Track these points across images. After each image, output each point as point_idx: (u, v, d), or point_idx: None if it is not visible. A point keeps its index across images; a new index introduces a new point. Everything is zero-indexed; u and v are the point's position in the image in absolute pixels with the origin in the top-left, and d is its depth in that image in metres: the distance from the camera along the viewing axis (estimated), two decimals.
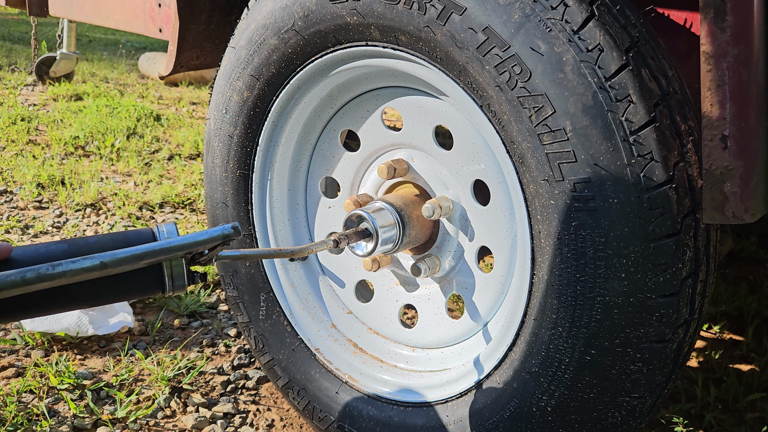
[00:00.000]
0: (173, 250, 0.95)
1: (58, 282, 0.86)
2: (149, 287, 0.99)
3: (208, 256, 1.02)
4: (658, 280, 1.11)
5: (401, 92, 1.46)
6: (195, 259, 1.01)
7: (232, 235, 0.98)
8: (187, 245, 0.96)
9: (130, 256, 0.91)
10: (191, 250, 0.96)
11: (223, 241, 0.98)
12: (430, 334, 1.54)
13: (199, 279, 1.02)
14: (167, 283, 0.98)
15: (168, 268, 0.98)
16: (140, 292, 1.00)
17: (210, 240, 0.98)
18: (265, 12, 1.46)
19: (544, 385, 1.24)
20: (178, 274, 0.98)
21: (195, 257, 1.01)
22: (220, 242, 0.98)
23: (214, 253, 1.02)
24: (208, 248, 0.99)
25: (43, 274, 0.85)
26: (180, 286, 0.99)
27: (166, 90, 5.83)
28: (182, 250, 0.96)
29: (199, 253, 1.01)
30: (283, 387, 1.67)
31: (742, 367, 2.09)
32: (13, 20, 9.74)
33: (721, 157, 1.06)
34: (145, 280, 0.98)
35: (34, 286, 0.85)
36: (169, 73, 2.03)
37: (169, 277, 0.98)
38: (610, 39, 1.09)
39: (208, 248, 0.99)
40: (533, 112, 1.14)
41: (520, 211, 1.23)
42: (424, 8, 1.21)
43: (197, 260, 1.02)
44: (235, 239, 0.99)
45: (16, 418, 1.68)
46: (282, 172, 1.62)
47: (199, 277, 1.02)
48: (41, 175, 3.36)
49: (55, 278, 0.86)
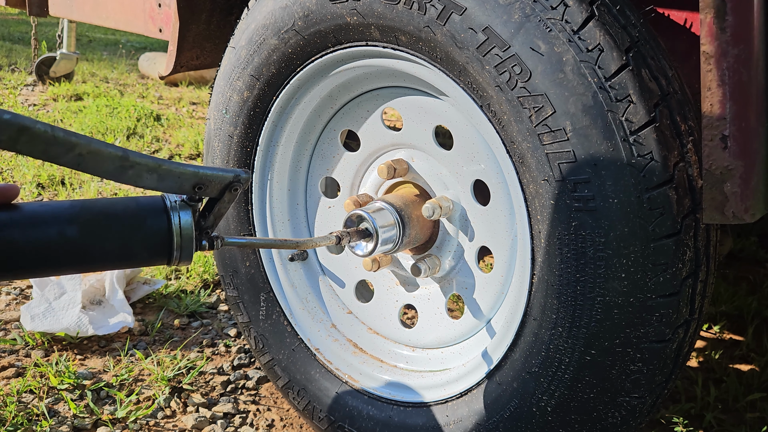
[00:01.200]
0: (185, 175, 0.94)
1: (64, 145, 0.83)
2: (155, 253, 0.97)
3: (213, 215, 1.00)
4: (658, 280, 1.11)
5: (401, 92, 1.46)
6: (200, 225, 1.00)
7: (242, 179, 0.97)
8: (199, 174, 0.95)
9: (145, 163, 0.90)
10: (201, 181, 0.95)
11: (233, 180, 0.97)
12: (430, 334, 1.54)
13: (206, 245, 1.01)
14: (174, 252, 0.97)
15: (177, 235, 0.97)
16: (145, 258, 0.97)
17: (221, 178, 0.97)
18: (265, 12, 1.46)
19: (544, 385, 1.24)
20: (186, 239, 0.97)
21: (200, 221, 1.00)
22: (230, 182, 0.97)
23: (221, 211, 1.01)
24: (216, 190, 0.98)
25: (48, 134, 0.82)
26: (187, 256, 0.97)
27: (166, 90, 5.83)
28: (194, 177, 0.95)
29: (204, 216, 1.01)
30: (283, 387, 1.67)
31: (742, 367, 2.09)
32: (13, 20, 9.74)
33: (721, 157, 1.06)
34: (152, 244, 0.96)
35: (34, 140, 0.82)
36: (169, 73, 2.03)
37: (177, 246, 0.97)
38: (610, 39, 1.09)
39: (216, 190, 0.98)
40: (533, 112, 1.14)
41: (520, 211, 1.23)
42: (424, 8, 1.21)
43: (204, 225, 1.01)
44: (244, 184, 0.98)
45: (16, 418, 1.68)
46: (282, 172, 1.62)
47: (207, 242, 1.01)
48: (41, 175, 3.36)
49: (58, 143, 0.83)
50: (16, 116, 0.80)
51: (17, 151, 0.82)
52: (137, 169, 0.92)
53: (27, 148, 0.82)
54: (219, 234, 1.04)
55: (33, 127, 0.81)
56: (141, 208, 0.96)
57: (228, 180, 0.98)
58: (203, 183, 0.97)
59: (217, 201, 1.00)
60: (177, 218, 0.97)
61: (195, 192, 0.97)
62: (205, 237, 1.02)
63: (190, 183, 0.96)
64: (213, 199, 1.00)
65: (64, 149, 0.85)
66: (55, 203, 0.93)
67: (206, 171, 0.96)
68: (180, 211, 0.97)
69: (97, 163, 0.89)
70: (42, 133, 0.82)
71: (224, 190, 0.99)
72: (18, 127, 0.81)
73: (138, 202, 0.97)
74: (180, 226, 0.96)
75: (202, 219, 1.01)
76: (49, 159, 0.84)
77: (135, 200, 0.97)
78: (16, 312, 2.19)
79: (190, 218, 0.97)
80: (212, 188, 0.98)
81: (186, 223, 0.97)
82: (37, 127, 0.82)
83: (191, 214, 0.98)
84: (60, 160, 0.85)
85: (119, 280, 2.21)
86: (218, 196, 1.00)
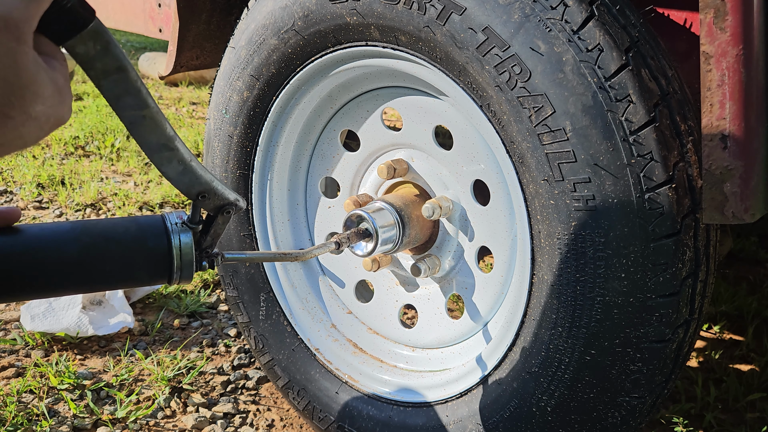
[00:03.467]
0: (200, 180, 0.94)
1: (139, 101, 0.83)
2: (156, 274, 0.97)
3: (210, 236, 1.01)
4: (658, 280, 1.11)
5: (401, 92, 1.46)
6: (200, 245, 1.01)
7: (237, 206, 0.98)
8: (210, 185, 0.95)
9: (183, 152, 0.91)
10: (207, 192, 0.96)
11: (229, 202, 0.98)
12: (430, 334, 1.54)
13: (206, 265, 1.01)
14: (175, 273, 0.97)
15: (177, 257, 0.97)
16: (146, 279, 0.98)
17: (221, 197, 0.97)
18: (265, 12, 1.46)
19: (544, 385, 1.24)
20: (187, 261, 0.98)
21: (200, 241, 1.01)
22: (226, 203, 0.98)
23: (217, 232, 1.01)
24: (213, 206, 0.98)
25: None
26: (187, 276, 0.98)
27: (166, 90, 5.83)
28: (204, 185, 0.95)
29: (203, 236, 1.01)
30: (283, 387, 1.67)
31: (742, 367, 2.09)
32: None
33: (721, 157, 1.06)
34: (153, 266, 0.97)
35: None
36: (169, 73, 2.03)
37: (177, 268, 0.97)
38: (609, 39, 1.09)
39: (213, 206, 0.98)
40: (533, 112, 1.14)
41: (520, 211, 1.23)
42: (423, 8, 1.21)
43: (203, 245, 1.01)
44: (235, 211, 0.99)
45: (16, 418, 1.68)
46: (282, 172, 1.62)
47: (207, 262, 1.01)
48: (41, 175, 3.36)
49: (137, 95, 0.83)
50: (123, 56, 0.81)
51: (101, 87, 0.82)
52: (173, 154, 0.92)
53: (110, 87, 0.82)
54: (219, 251, 1.05)
55: (130, 70, 0.82)
56: (141, 230, 0.97)
57: (226, 201, 0.99)
58: (207, 193, 0.97)
59: (211, 223, 1.01)
60: (177, 240, 0.98)
61: (198, 199, 0.98)
62: (205, 257, 1.03)
63: (198, 189, 0.96)
64: (210, 217, 1.01)
65: (136, 103, 0.85)
66: (55, 225, 0.94)
67: (217, 185, 0.97)
68: (180, 234, 0.98)
69: (150, 132, 0.89)
70: (133, 80, 0.82)
71: (219, 209, 1.00)
72: (118, 65, 0.81)
73: (138, 224, 0.98)
74: (180, 248, 0.97)
75: (201, 238, 1.02)
76: (117, 107, 0.84)
77: (135, 221, 0.98)
78: (16, 312, 2.19)
79: (190, 240, 0.98)
80: (211, 202, 0.99)
81: (186, 244, 0.98)
82: (131, 73, 0.82)
83: (191, 236, 0.99)
84: (124, 112, 0.85)
85: None
86: (213, 214, 1.00)
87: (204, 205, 0.99)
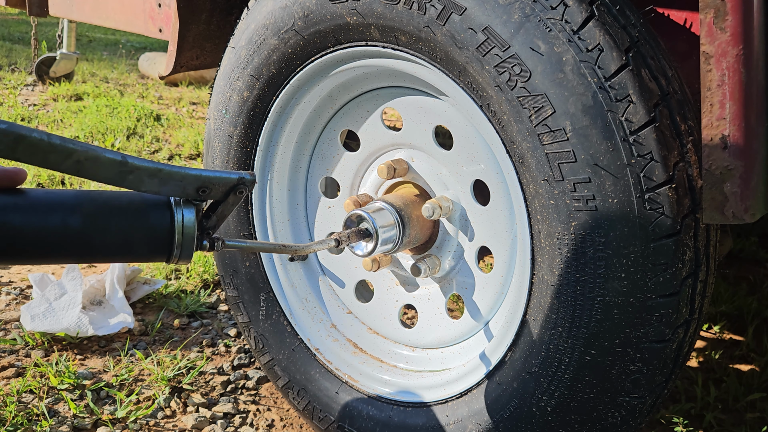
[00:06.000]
0: (188, 179, 0.93)
1: (62, 152, 0.83)
2: (156, 249, 0.96)
3: (216, 216, 1.00)
4: (658, 280, 1.11)
5: (401, 92, 1.46)
6: (202, 225, 1.00)
7: (247, 182, 0.97)
8: (203, 177, 0.94)
9: (145, 168, 0.90)
10: (205, 185, 0.95)
11: (237, 183, 0.97)
12: (430, 334, 1.54)
13: (207, 245, 1.00)
14: (175, 250, 0.96)
15: (179, 232, 0.96)
16: (145, 253, 0.97)
17: (225, 181, 0.97)
18: (265, 12, 1.46)
19: (544, 385, 1.24)
20: (188, 238, 0.96)
21: (203, 221, 1.00)
22: (234, 185, 0.97)
23: (224, 213, 1.00)
24: (220, 193, 0.97)
25: (43, 141, 0.82)
26: (187, 255, 0.97)
27: (166, 90, 5.83)
28: (197, 181, 0.94)
29: (207, 216, 1.00)
30: (283, 387, 1.67)
31: (742, 367, 2.09)
32: (13, 20, 9.74)
33: (721, 157, 1.06)
34: (154, 240, 0.95)
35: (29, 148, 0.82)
36: (169, 73, 2.03)
37: (178, 245, 0.96)
38: (609, 39, 1.09)
39: (220, 193, 0.97)
40: (533, 112, 1.14)
41: (520, 211, 1.23)
42: (424, 8, 1.21)
43: (206, 225, 1.00)
44: (249, 187, 0.97)
45: (16, 418, 1.68)
46: (282, 172, 1.62)
47: (207, 242, 1.00)
48: (41, 175, 3.36)
49: (55, 150, 0.82)
50: (12, 125, 0.80)
51: (17, 159, 0.82)
52: (137, 174, 0.92)
53: (25, 157, 0.82)
54: (220, 236, 1.03)
55: (29, 135, 0.82)
56: (145, 203, 0.96)
57: (232, 182, 0.97)
58: (207, 186, 0.96)
59: (221, 203, 1.00)
60: (180, 215, 0.96)
61: (199, 195, 0.97)
62: (207, 237, 1.01)
63: (194, 186, 0.96)
64: (217, 200, 1.00)
65: (62, 156, 0.85)
66: (60, 191, 0.93)
67: (209, 174, 0.96)
68: (184, 209, 0.97)
69: (97, 169, 0.89)
70: (38, 141, 0.82)
71: (228, 192, 0.98)
72: (15, 137, 0.81)
73: (143, 197, 0.96)
74: (183, 224, 0.96)
75: (204, 219, 1.01)
76: (48, 166, 0.84)
77: (140, 194, 0.97)
78: (16, 312, 2.19)
79: (194, 217, 0.97)
80: (216, 191, 0.98)
81: (189, 221, 0.97)
82: (33, 136, 0.82)
83: (195, 213, 0.97)
84: (59, 167, 0.85)
85: (119, 281, 2.21)
86: (222, 199, 0.99)
87: (210, 197, 0.98)
